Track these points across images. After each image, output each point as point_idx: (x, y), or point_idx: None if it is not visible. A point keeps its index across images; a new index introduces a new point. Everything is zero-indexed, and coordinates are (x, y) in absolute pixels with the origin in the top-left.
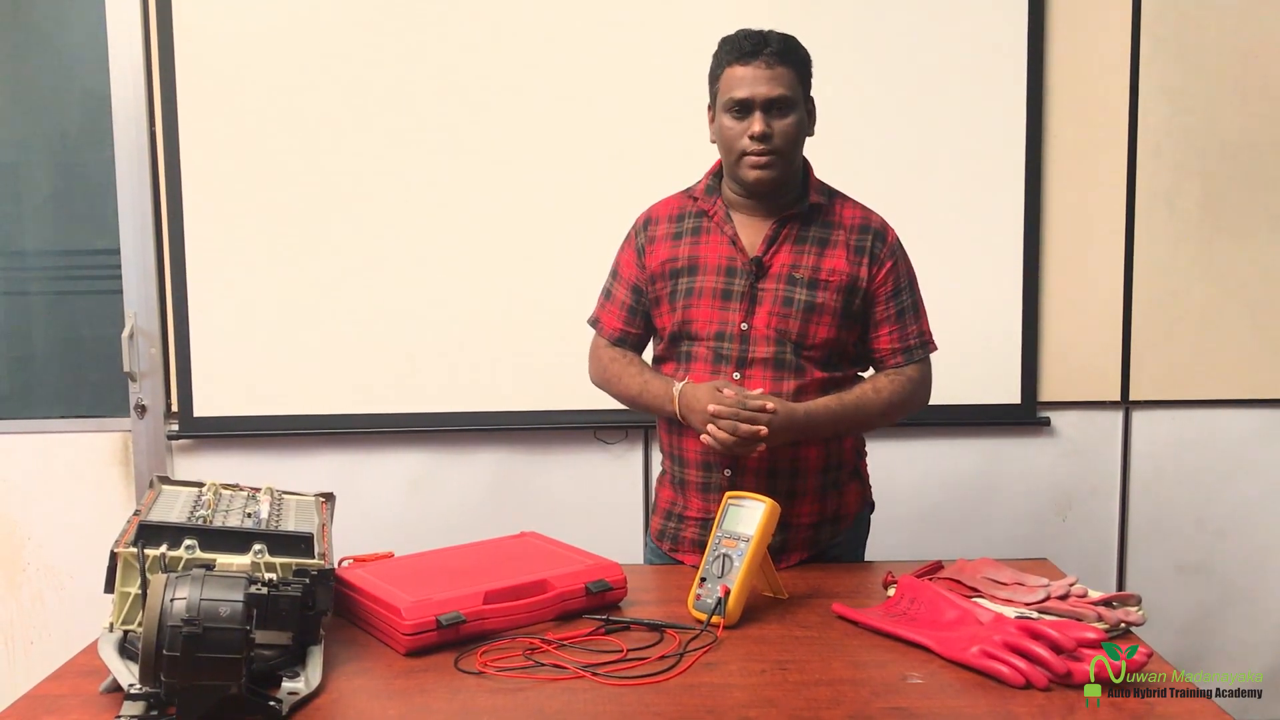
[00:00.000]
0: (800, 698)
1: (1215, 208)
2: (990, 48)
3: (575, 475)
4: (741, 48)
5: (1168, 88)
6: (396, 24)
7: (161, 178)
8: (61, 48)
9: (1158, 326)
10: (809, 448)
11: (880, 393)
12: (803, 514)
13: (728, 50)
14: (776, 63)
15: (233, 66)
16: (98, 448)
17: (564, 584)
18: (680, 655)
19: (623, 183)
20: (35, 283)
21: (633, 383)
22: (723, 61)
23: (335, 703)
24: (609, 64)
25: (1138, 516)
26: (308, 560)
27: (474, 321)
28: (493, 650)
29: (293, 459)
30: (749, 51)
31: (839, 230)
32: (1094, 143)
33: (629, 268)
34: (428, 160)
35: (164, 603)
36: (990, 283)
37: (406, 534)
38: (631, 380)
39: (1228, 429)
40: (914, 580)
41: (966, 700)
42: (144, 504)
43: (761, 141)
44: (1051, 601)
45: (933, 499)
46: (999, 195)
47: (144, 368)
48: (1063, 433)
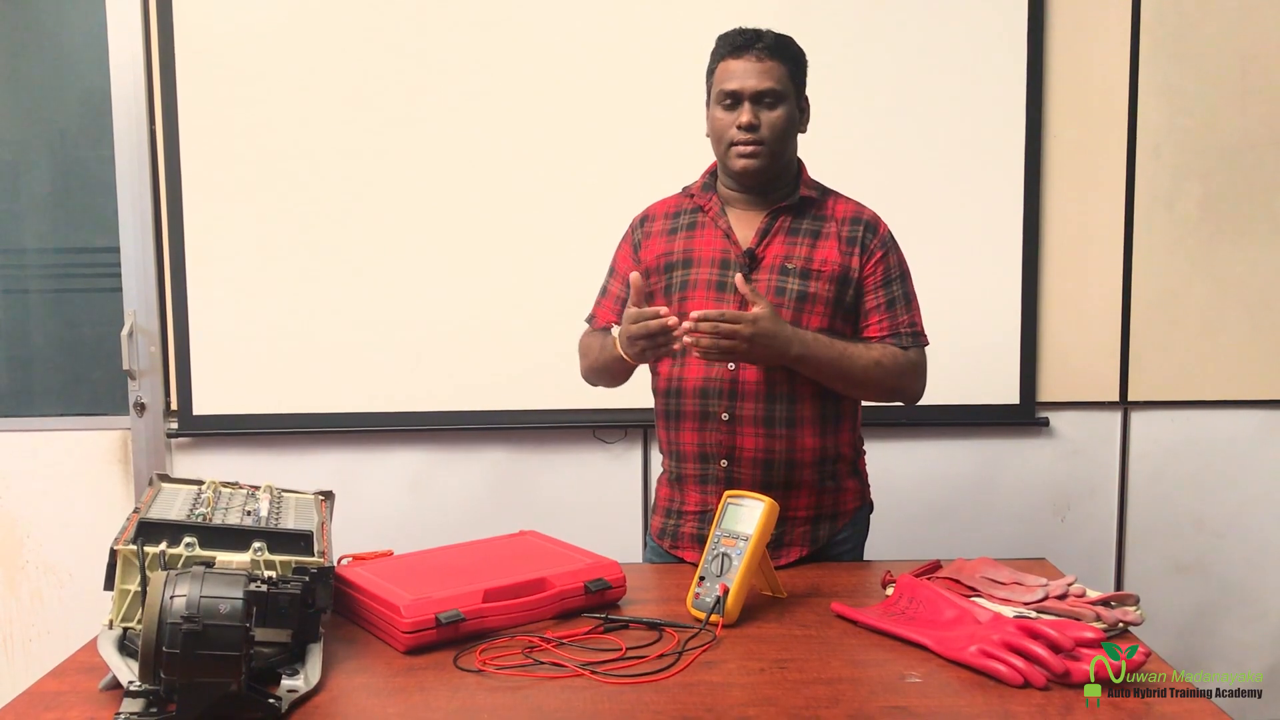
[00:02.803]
0: (799, 696)
1: (1214, 209)
2: (990, 49)
3: (574, 474)
4: (735, 42)
5: (1167, 89)
6: (398, 22)
7: (161, 176)
8: (62, 45)
9: (1157, 327)
10: (806, 438)
11: (870, 350)
12: (800, 507)
13: (722, 45)
14: (767, 57)
15: (233, 64)
16: (97, 446)
17: (563, 582)
18: (679, 654)
19: (623, 183)
20: (35, 281)
21: (594, 345)
22: (717, 56)
23: (334, 700)
24: (613, 67)
25: (1136, 517)
26: (307, 558)
27: (474, 320)
28: (492, 648)
29: (292, 457)
30: (741, 45)
31: (831, 223)
32: (1093, 144)
33: (625, 262)
34: (428, 158)
35: (164, 600)
36: (990, 283)
37: (406, 532)
38: (593, 343)
39: (1226, 430)
40: (913, 579)
41: (965, 699)
42: (144, 501)
43: (749, 131)
44: (1050, 601)
45: (932, 499)
46: (999, 196)
47: (143, 366)
48: (1061, 433)
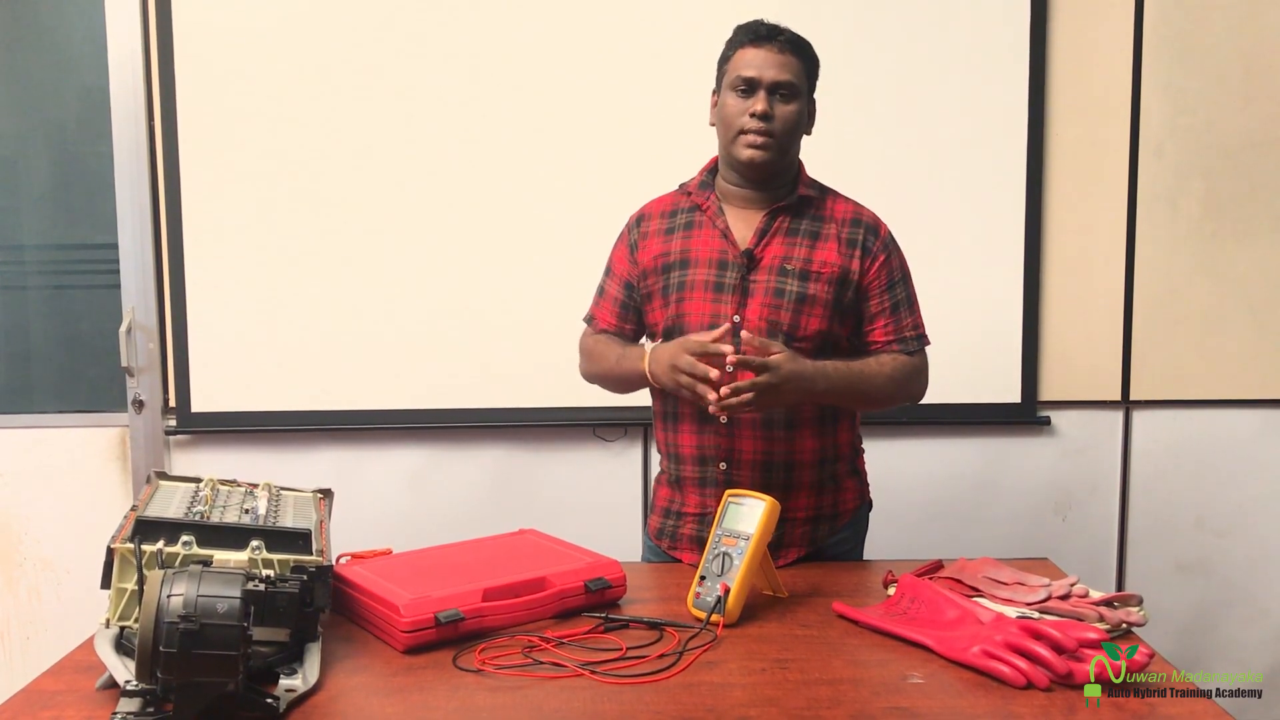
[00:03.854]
0: (800, 697)
1: (1217, 208)
2: (992, 48)
3: (574, 473)
4: (757, 31)
5: (1170, 88)
6: (396, 21)
7: (160, 173)
8: (61, 42)
9: (1158, 326)
10: (805, 439)
11: (883, 366)
12: (799, 508)
13: (742, 33)
14: (788, 50)
15: (232, 62)
16: (95, 443)
17: (563, 581)
18: (680, 654)
19: (621, 182)
20: (33, 277)
21: (610, 353)
22: (736, 43)
23: (333, 700)
24: (610, 66)
25: (1138, 516)
26: (306, 557)
27: (473, 318)
28: (491, 648)
29: (290, 455)
30: (764, 35)
31: (830, 224)
32: (1096, 142)
33: (621, 264)
34: (427, 155)
35: (161, 599)
36: (992, 282)
37: (405, 531)
38: (609, 351)
39: (1228, 429)
40: (914, 579)
41: (967, 700)
42: (141, 499)
43: (762, 120)
44: (1052, 601)
45: (933, 498)
46: (1001, 194)
47: (142, 363)
48: (1063, 432)
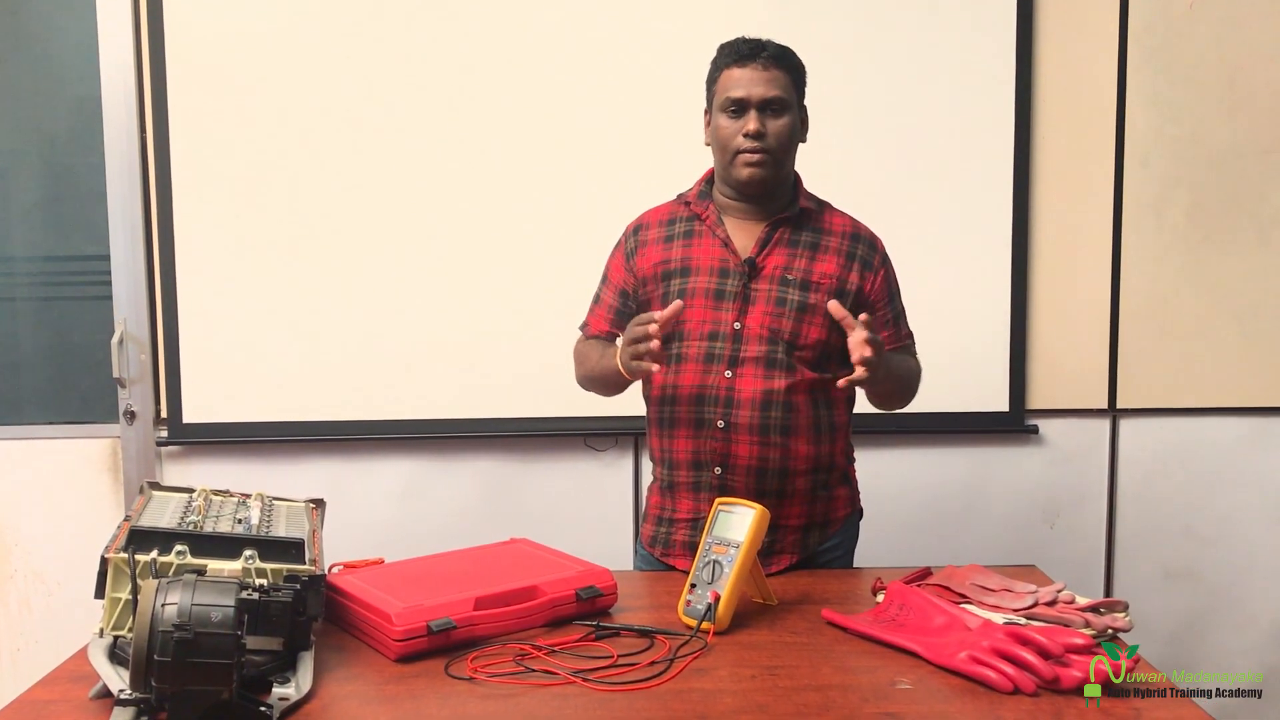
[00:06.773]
0: (790, 703)
1: (1202, 217)
2: (979, 57)
3: (566, 482)
4: (739, 50)
5: (1156, 98)
6: (389, 31)
7: (152, 183)
8: (53, 53)
9: (1145, 335)
10: (799, 446)
11: (907, 360)
12: (792, 515)
13: (725, 54)
14: (773, 65)
15: (224, 72)
16: (87, 454)
17: (554, 590)
18: (670, 661)
19: (615, 192)
20: (24, 288)
21: (593, 354)
22: (720, 65)
23: (326, 708)
24: (605, 74)
25: (1125, 523)
26: (299, 566)
27: (465, 329)
28: (483, 656)
29: (282, 466)
30: (746, 54)
31: (830, 236)
32: (1082, 152)
33: (617, 272)
34: (419, 167)
35: (155, 608)
36: (979, 290)
37: (397, 540)
38: (592, 353)
39: (1215, 437)
40: (903, 586)
41: (955, 705)
42: (134, 509)
43: (756, 139)
44: (1039, 608)
45: (921, 506)
46: (988, 203)
47: (133, 374)
48: (1051, 440)
